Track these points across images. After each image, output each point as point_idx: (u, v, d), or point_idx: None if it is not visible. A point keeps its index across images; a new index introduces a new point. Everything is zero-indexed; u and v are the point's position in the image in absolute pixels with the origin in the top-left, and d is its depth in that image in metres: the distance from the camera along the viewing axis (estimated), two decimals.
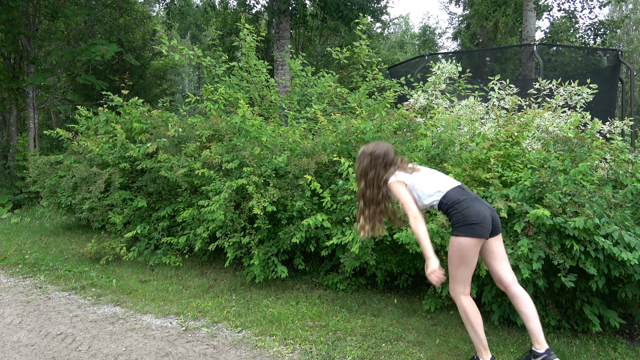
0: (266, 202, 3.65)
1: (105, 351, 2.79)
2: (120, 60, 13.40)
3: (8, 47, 9.57)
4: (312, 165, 3.80)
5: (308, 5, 13.94)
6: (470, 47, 20.11)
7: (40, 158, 6.21)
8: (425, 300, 3.45)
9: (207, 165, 4.19)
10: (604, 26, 12.13)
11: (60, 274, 4.35)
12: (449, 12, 33.37)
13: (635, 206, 3.05)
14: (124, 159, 4.98)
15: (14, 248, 5.40)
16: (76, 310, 3.48)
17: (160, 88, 15.93)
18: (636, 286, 2.81)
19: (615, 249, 2.60)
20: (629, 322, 3.25)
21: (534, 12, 10.38)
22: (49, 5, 10.01)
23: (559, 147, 3.58)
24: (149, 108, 5.59)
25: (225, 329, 3.14)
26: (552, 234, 2.85)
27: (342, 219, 3.74)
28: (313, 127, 5.05)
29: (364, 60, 6.07)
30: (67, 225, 6.66)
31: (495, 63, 20.55)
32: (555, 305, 3.13)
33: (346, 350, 2.78)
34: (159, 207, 4.95)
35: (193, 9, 20.04)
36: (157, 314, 3.40)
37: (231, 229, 3.90)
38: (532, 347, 2.45)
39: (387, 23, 18.85)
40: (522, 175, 3.16)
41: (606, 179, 3.40)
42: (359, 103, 5.33)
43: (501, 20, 14.47)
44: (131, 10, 13.83)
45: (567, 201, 2.87)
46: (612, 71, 7.71)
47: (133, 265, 4.66)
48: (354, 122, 4.05)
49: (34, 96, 9.85)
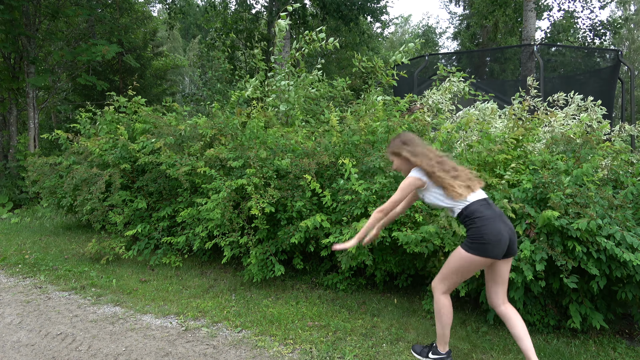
0: (265, 203, 3.65)
1: (105, 351, 2.79)
2: (120, 61, 13.41)
3: (8, 47, 9.56)
4: (312, 165, 3.80)
5: (308, 5, 13.94)
6: (470, 47, 20.10)
7: (39, 159, 6.21)
8: (425, 300, 3.45)
9: (209, 164, 4.20)
10: (605, 27, 12.13)
11: (60, 274, 4.36)
12: (450, 12, 33.34)
13: (636, 207, 3.05)
14: (124, 159, 4.99)
15: (14, 248, 5.40)
16: (76, 310, 3.48)
17: (161, 88, 15.93)
18: (636, 287, 2.81)
19: (618, 249, 2.60)
20: (628, 322, 3.25)
21: (534, 12, 10.37)
22: (49, 6, 10.01)
23: (562, 148, 3.58)
24: (153, 108, 5.60)
25: (225, 329, 3.15)
26: (554, 236, 2.85)
27: (341, 219, 3.74)
28: (317, 130, 5.03)
29: (379, 72, 6.09)
30: (67, 225, 6.67)
31: (495, 63, 20.56)
32: (555, 305, 3.13)
33: (346, 350, 2.78)
34: (159, 207, 4.96)
35: (194, 9, 20.07)
36: (157, 314, 3.40)
37: (229, 229, 3.90)
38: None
39: (387, 23, 18.85)
40: (523, 177, 3.16)
41: (606, 179, 3.40)
42: (373, 104, 5.32)
43: (501, 20, 14.47)
44: (132, 10, 13.83)
45: (570, 202, 2.87)
46: (612, 71, 7.72)
47: (133, 265, 4.66)
48: (367, 120, 4.05)
49: (34, 96, 9.85)
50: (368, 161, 3.69)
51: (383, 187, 3.53)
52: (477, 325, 3.21)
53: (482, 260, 2.30)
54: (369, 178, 3.70)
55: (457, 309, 3.51)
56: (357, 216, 3.59)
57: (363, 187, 3.50)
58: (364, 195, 3.48)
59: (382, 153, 3.68)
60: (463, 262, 2.34)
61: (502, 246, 2.27)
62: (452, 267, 2.40)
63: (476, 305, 3.50)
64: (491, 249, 2.26)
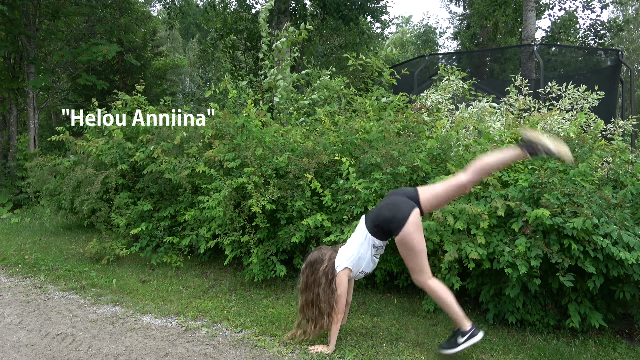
0: (265, 200, 3.66)
1: (105, 351, 2.79)
2: (120, 60, 13.41)
3: (8, 47, 9.57)
4: (312, 165, 3.80)
5: (308, 5, 13.94)
6: (470, 47, 20.09)
7: (38, 161, 6.19)
8: (425, 300, 3.45)
9: (209, 164, 4.20)
10: (605, 27, 12.13)
11: (60, 274, 4.36)
12: (450, 12, 33.35)
13: (635, 206, 3.06)
14: (121, 159, 4.98)
15: (14, 248, 5.40)
16: (76, 310, 3.48)
17: (161, 88, 15.94)
18: (634, 286, 2.81)
19: (614, 248, 2.60)
20: (628, 322, 3.25)
21: (534, 12, 10.38)
22: (49, 5, 10.01)
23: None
24: (156, 108, 5.60)
25: (225, 329, 3.15)
26: (550, 234, 2.85)
27: (341, 218, 3.74)
28: (315, 128, 5.05)
29: (376, 70, 6.09)
30: (67, 225, 6.66)
31: (495, 63, 20.55)
32: (555, 305, 3.13)
33: (346, 350, 2.78)
34: (159, 207, 4.96)
35: (193, 9, 20.06)
36: (157, 314, 3.40)
37: (230, 228, 3.90)
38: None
39: (387, 23, 18.84)
40: (521, 176, 3.17)
41: (606, 179, 3.41)
42: (369, 104, 5.34)
43: (501, 20, 14.46)
44: (131, 10, 13.83)
45: (566, 201, 2.87)
46: (613, 71, 7.71)
47: (133, 265, 4.66)
48: (359, 121, 4.06)
49: (34, 96, 9.85)
50: (364, 158, 3.70)
51: (383, 186, 3.53)
52: (477, 325, 3.21)
53: (415, 219, 2.52)
54: (368, 176, 3.71)
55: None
56: (357, 215, 3.59)
57: (362, 185, 3.51)
58: (363, 194, 3.48)
59: (379, 150, 3.69)
60: (414, 237, 2.51)
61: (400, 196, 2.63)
62: (414, 252, 2.55)
63: (476, 305, 3.50)
64: (399, 209, 2.56)
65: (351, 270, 2.72)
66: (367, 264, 2.73)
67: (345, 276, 2.70)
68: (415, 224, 2.52)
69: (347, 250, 2.74)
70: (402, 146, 3.80)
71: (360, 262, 2.71)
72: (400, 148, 3.74)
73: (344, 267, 2.70)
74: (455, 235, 3.17)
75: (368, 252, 2.69)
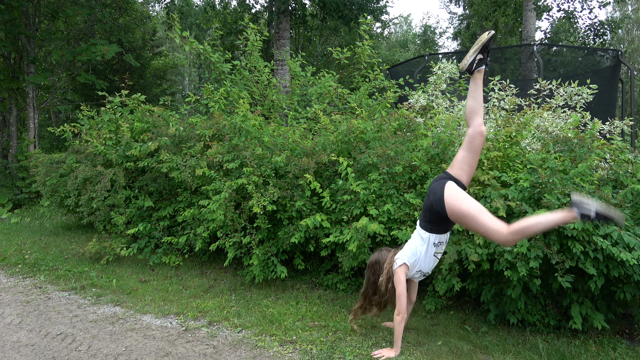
0: (266, 201, 3.66)
1: (105, 351, 2.79)
2: (120, 60, 13.41)
3: (8, 47, 9.56)
4: (312, 165, 3.80)
5: (308, 5, 13.94)
6: (470, 47, 20.08)
7: (43, 156, 6.19)
8: (426, 300, 3.45)
9: (209, 165, 4.19)
10: (604, 27, 12.13)
11: (60, 274, 4.35)
12: (450, 12, 33.34)
13: (635, 206, 3.05)
14: (127, 158, 4.98)
15: (14, 248, 5.40)
16: (76, 310, 3.48)
17: (160, 88, 15.94)
18: (635, 286, 2.81)
19: (615, 249, 2.60)
20: (629, 322, 3.25)
21: (533, 12, 10.38)
22: (49, 5, 10.01)
23: (559, 147, 3.59)
24: (150, 107, 5.58)
25: (225, 329, 3.15)
26: (550, 234, 2.85)
27: (341, 219, 3.74)
28: (313, 127, 5.05)
29: (365, 61, 6.06)
30: (67, 225, 6.66)
31: (495, 63, 20.54)
32: (555, 305, 3.13)
33: (346, 350, 2.78)
34: (159, 207, 4.96)
35: (194, 9, 20.05)
36: (157, 314, 3.40)
37: (231, 229, 3.90)
38: None
39: (387, 23, 18.84)
40: (521, 175, 3.16)
41: (606, 179, 3.40)
42: (359, 103, 5.34)
43: (501, 21, 14.45)
44: (131, 10, 13.83)
45: (567, 202, 2.87)
46: (612, 71, 7.71)
47: (133, 265, 4.66)
48: (354, 122, 4.06)
49: (34, 96, 9.84)
50: (361, 158, 3.70)
51: (381, 187, 3.53)
52: (477, 325, 3.21)
53: (451, 190, 2.53)
54: (366, 176, 3.71)
55: (457, 309, 3.51)
56: (356, 216, 3.59)
57: (361, 187, 3.51)
58: (362, 194, 3.48)
59: (375, 150, 3.69)
60: (461, 204, 2.49)
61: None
62: (471, 216, 2.43)
63: (476, 305, 3.50)
64: (434, 192, 2.61)
65: (408, 267, 2.71)
66: (426, 262, 2.70)
67: (402, 273, 2.69)
68: (453, 193, 2.48)
69: (405, 249, 2.77)
70: (399, 145, 3.80)
71: (417, 260, 2.70)
72: (397, 147, 3.74)
73: (402, 262, 2.71)
74: (455, 235, 3.17)
75: (428, 250, 2.67)
